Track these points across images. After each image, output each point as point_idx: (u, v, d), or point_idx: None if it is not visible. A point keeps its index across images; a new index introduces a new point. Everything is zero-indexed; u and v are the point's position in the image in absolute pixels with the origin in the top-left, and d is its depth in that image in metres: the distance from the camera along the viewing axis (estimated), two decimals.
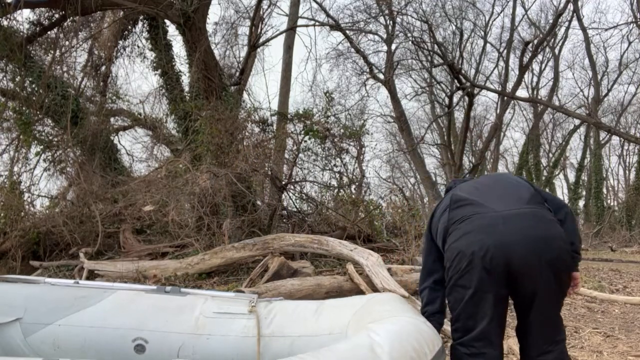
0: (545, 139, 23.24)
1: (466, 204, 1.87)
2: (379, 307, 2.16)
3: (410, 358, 1.63)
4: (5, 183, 6.98)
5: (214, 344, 2.26)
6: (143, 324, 2.24)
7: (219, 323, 2.31)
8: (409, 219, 7.53)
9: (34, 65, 7.56)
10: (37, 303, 2.19)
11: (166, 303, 2.33)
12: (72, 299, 2.24)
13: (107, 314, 2.23)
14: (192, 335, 2.25)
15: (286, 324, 2.33)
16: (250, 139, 6.91)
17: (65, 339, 2.16)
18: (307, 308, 2.41)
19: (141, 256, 5.56)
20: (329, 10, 12.27)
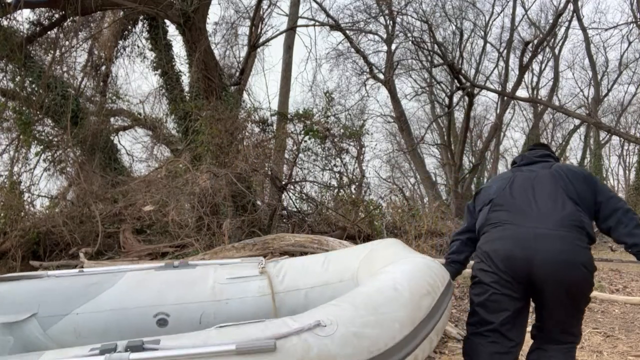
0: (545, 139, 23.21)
1: (504, 209, 2.02)
2: (386, 251, 2.33)
3: (426, 291, 1.80)
4: (5, 183, 6.98)
5: (233, 306, 2.37)
6: (161, 299, 2.29)
7: (234, 287, 2.42)
8: (409, 219, 7.54)
9: (34, 65, 7.56)
10: (49, 296, 2.19)
11: (179, 277, 2.40)
12: (85, 287, 2.26)
13: (124, 295, 2.26)
14: (211, 302, 2.34)
15: (298, 278, 2.49)
16: (250, 139, 6.91)
17: (85, 326, 2.17)
18: (314, 261, 2.58)
19: (141, 256, 5.56)
20: (329, 10, 12.28)
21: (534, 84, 20.78)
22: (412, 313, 1.69)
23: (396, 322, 1.61)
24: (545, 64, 20.16)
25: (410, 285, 1.79)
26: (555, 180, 2.00)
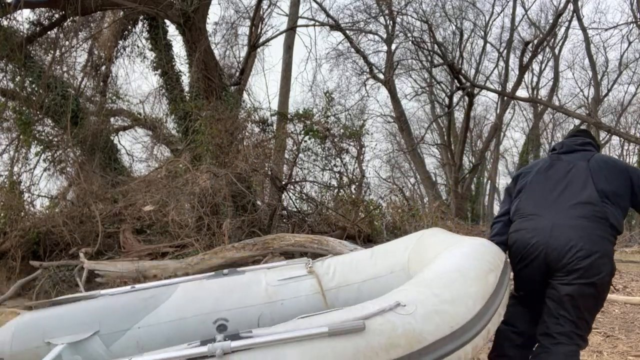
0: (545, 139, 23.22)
1: (531, 200, 2.18)
2: (434, 239, 2.44)
3: (489, 269, 1.90)
4: (5, 183, 6.98)
5: (288, 306, 2.46)
6: (219, 305, 2.37)
7: (287, 288, 2.52)
8: (409, 219, 7.54)
9: (34, 65, 7.56)
10: (109, 314, 2.24)
11: (231, 283, 2.49)
12: (142, 301, 2.32)
13: (182, 306, 2.32)
14: (267, 304, 2.44)
15: (348, 274, 2.59)
16: (250, 139, 6.91)
17: (147, 339, 2.23)
18: (361, 257, 2.67)
19: (141, 256, 5.56)
20: (329, 10, 12.28)
21: (534, 84, 20.79)
22: (481, 289, 1.79)
23: (469, 298, 1.72)
24: (545, 64, 20.17)
25: (473, 264, 1.88)
26: (589, 173, 2.06)
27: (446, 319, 1.61)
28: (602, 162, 2.09)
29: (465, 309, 1.68)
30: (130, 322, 2.25)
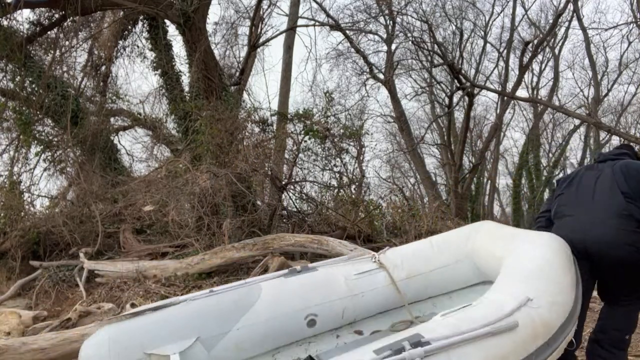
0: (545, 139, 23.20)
1: (566, 205, 2.59)
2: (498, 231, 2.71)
3: (569, 260, 2.21)
4: (5, 183, 6.98)
5: (369, 298, 2.68)
6: (306, 302, 2.54)
7: (363, 281, 2.71)
8: (409, 219, 7.53)
9: (34, 65, 7.55)
10: (205, 319, 2.31)
11: (311, 280, 2.64)
12: (234, 304, 2.41)
13: (273, 305, 2.45)
14: (349, 297, 2.63)
15: (415, 265, 2.83)
16: (250, 139, 6.91)
17: (245, 339, 2.35)
18: (422, 247, 2.92)
19: (141, 256, 5.56)
20: (329, 10, 12.26)
21: (534, 84, 20.76)
22: (571, 277, 2.11)
23: (568, 286, 2.03)
24: (545, 64, 20.15)
25: (558, 256, 2.17)
26: (613, 177, 2.45)
27: (561, 307, 1.94)
28: (624, 166, 2.46)
29: (568, 296, 2.01)
30: (228, 325, 2.33)
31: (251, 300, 2.44)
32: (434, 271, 2.81)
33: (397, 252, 2.92)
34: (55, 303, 4.94)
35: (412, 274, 2.79)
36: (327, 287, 2.61)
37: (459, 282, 2.89)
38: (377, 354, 1.58)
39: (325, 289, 2.60)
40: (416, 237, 6.53)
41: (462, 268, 2.81)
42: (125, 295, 4.38)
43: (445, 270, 2.81)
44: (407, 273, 2.78)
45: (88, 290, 4.90)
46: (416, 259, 2.85)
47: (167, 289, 4.43)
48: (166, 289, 4.41)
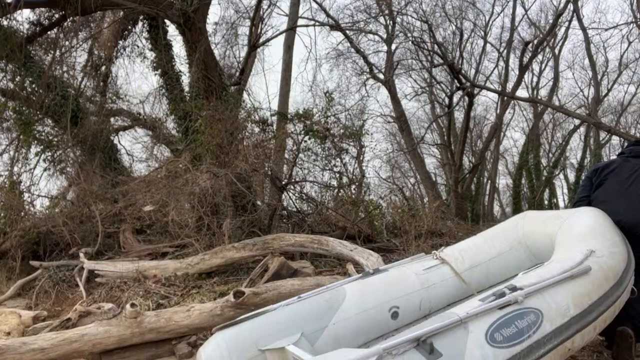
0: (545, 139, 23.18)
1: (604, 192, 3.04)
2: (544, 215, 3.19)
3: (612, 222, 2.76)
4: (5, 183, 6.98)
5: (440, 289, 2.99)
6: (388, 296, 2.83)
7: (432, 275, 3.02)
8: (409, 219, 7.53)
9: (34, 65, 7.55)
10: (305, 317, 2.59)
11: (388, 277, 2.95)
12: (326, 303, 2.70)
13: (360, 301, 2.74)
14: (424, 289, 2.94)
15: (474, 257, 3.16)
16: (250, 139, 6.90)
17: (341, 332, 2.62)
18: (476, 242, 3.27)
19: (141, 256, 5.56)
20: (329, 10, 12.25)
21: (534, 84, 20.75)
22: (619, 235, 2.62)
23: (619, 240, 2.56)
24: (545, 64, 20.13)
25: (604, 220, 2.70)
26: None
27: (620, 255, 2.41)
28: None
29: (622, 248, 2.50)
30: (325, 321, 2.61)
31: (339, 299, 2.74)
32: (492, 260, 3.14)
33: (454, 248, 3.26)
34: (55, 303, 4.94)
35: (473, 264, 3.11)
36: (403, 282, 2.94)
37: (515, 267, 3.18)
38: (482, 301, 1.99)
39: (402, 284, 2.92)
40: (416, 237, 6.53)
41: (516, 253, 3.19)
42: (125, 295, 4.38)
43: (501, 258, 3.16)
44: (469, 265, 3.10)
45: (88, 290, 4.90)
46: (474, 251, 3.19)
47: (167, 289, 4.43)
48: (166, 289, 4.41)
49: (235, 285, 4.34)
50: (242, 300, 3.41)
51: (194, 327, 3.45)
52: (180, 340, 3.44)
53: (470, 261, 3.12)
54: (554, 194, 21.98)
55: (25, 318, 3.97)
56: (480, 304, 1.96)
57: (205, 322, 3.46)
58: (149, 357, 3.36)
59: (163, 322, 3.37)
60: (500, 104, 17.21)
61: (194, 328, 3.46)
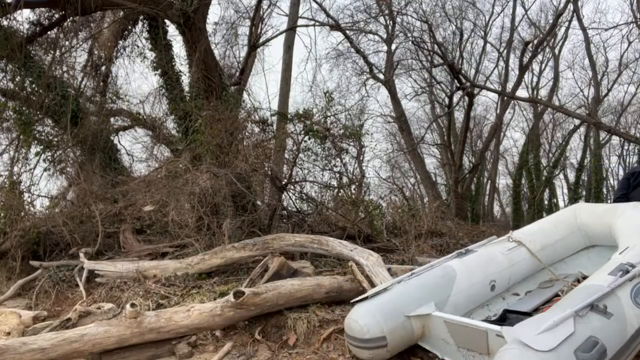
0: (545, 139, 23.18)
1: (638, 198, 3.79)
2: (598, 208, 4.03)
3: None
4: (5, 183, 6.97)
5: (521, 265, 3.76)
6: (488, 272, 3.53)
7: (513, 255, 3.74)
8: (409, 219, 7.53)
9: (34, 65, 7.55)
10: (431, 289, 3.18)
11: (481, 257, 3.62)
12: (444, 277, 3.32)
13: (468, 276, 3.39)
14: (510, 266, 3.69)
15: (543, 239, 3.94)
16: (250, 139, 6.90)
17: (459, 302, 3.25)
18: (541, 226, 4.12)
19: (141, 256, 5.56)
20: (329, 10, 12.25)
21: (534, 84, 20.73)
22: None
23: None
24: (545, 64, 20.12)
25: None
26: None
27: None
28: None
29: None
30: (447, 292, 3.22)
31: (452, 275, 3.34)
32: (558, 242, 3.94)
33: (524, 232, 4.01)
34: (55, 303, 4.94)
35: (544, 246, 3.88)
36: (495, 261, 3.61)
37: (572, 248, 4.05)
38: (613, 275, 2.66)
39: (495, 262, 3.60)
40: (416, 237, 6.52)
41: (574, 237, 3.98)
42: (125, 295, 4.37)
43: (564, 241, 3.97)
44: (540, 246, 3.86)
45: (88, 290, 4.90)
46: (541, 235, 3.94)
47: (167, 289, 4.43)
48: (166, 289, 4.41)
49: (235, 285, 4.33)
50: (242, 300, 3.41)
51: (194, 327, 3.45)
52: (180, 340, 3.44)
53: (541, 243, 3.89)
54: (554, 194, 21.98)
55: (25, 318, 3.97)
56: (614, 278, 2.61)
57: (205, 322, 3.45)
58: (149, 357, 3.36)
59: (163, 322, 3.37)
60: (500, 104, 17.20)
61: (194, 328, 3.45)
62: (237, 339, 3.47)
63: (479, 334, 2.61)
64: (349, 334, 2.95)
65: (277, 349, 3.32)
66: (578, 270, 4.01)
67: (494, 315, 3.38)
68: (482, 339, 2.60)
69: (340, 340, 3.32)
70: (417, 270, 3.38)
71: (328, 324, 3.56)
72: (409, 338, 2.95)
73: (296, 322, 3.52)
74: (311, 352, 3.21)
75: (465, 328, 2.71)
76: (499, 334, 2.44)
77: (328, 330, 3.43)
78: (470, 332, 2.67)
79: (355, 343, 2.90)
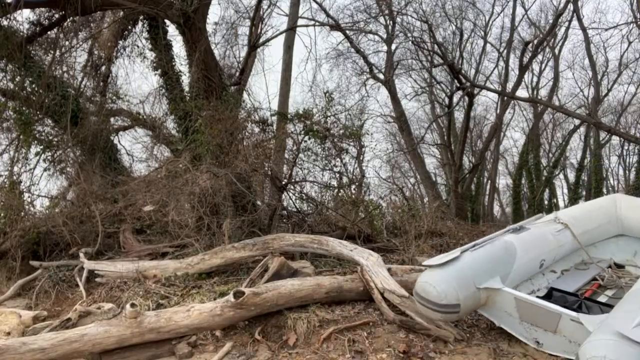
0: (545, 139, 23.17)
1: None
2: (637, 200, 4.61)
3: None
4: (5, 183, 6.97)
5: (565, 247, 4.15)
6: (540, 250, 3.88)
7: (561, 237, 4.12)
8: (409, 219, 7.53)
9: (34, 65, 7.54)
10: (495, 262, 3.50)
11: (533, 235, 3.95)
12: (506, 251, 3.64)
13: (525, 252, 3.71)
14: (558, 247, 4.07)
15: (584, 225, 4.35)
16: (250, 139, 6.90)
17: (517, 276, 3.64)
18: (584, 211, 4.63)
19: (141, 256, 5.56)
20: (329, 10, 12.25)
21: (534, 84, 20.73)
22: None
23: None
24: (545, 64, 20.11)
25: None
26: None
27: None
28: None
29: None
30: (509, 266, 3.55)
31: (513, 250, 3.66)
32: (596, 228, 4.36)
33: (567, 214, 4.38)
34: (55, 303, 4.94)
35: (584, 229, 4.29)
36: (546, 240, 3.97)
37: (607, 235, 4.47)
38: None
39: (545, 241, 3.97)
40: (416, 237, 6.52)
41: (610, 226, 4.41)
42: (125, 295, 4.38)
43: (600, 227, 4.38)
44: (582, 230, 4.25)
45: (88, 290, 4.90)
46: (583, 220, 4.35)
47: (167, 289, 4.43)
48: (166, 289, 4.41)
49: (235, 285, 4.33)
50: (242, 300, 3.41)
51: (194, 327, 3.45)
52: (180, 340, 3.44)
53: (583, 227, 4.30)
54: (554, 194, 21.97)
55: (25, 318, 3.97)
56: None
57: (205, 322, 3.46)
58: (149, 357, 3.36)
59: (163, 322, 3.37)
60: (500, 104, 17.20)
61: (194, 328, 3.45)
62: (237, 339, 3.47)
63: (552, 315, 2.91)
64: (423, 296, 3.25)
65: (277, 349, 3.32)
66: (609, 256, 4.41)
67: (538, 290, 3.77)
68: (553, 319, 2.90)
69: (340, 340, 3.32)
70: (479, 241, 3.71)
71: (328, 324, 3.56)
72: (475, 306, 3.33)
73: (296, 322, 3.52)
74: (311, 352, 3.21)
75: (537, 308, 3.02)
76: (574, 319, 2.73)
77: (328, 330, 3.43)
78: (542, 312, 2.99)
79: (430, 306, 3.22)
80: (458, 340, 3.31)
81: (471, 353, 3.13)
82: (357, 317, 3.68)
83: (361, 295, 4.02)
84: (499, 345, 3.26)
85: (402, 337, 3.33)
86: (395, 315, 3.55)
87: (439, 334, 3.29)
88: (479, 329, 3.62)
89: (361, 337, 3.36)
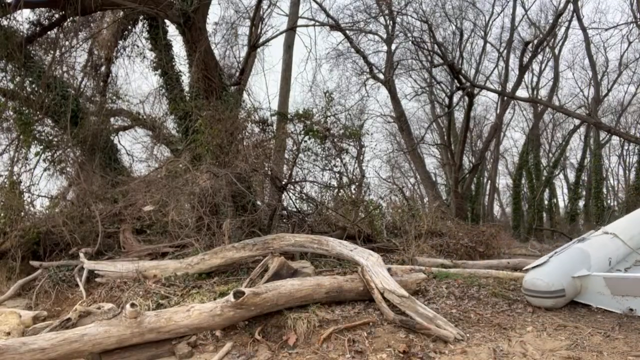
0: (545, 139, 23.21)
1: None
2: None
3: None
4: (5, 183, 6.97)
5: (620, 250, 4.92)
6: (605, 251, 4.67)
7: (615, 242, 4.95)
8: (409, 219, 7.53)
9: (34, 65, 7.55)
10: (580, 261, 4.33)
11: (599, 244, 4.75)
12: (581, 254, 4.46)
13: (597, 256, 4.48)
14: (616, 250, 4.85)
15: (629, 232, 5.14)
16: (250, 139, 6.90)
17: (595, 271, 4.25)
18: (628, 224, 5.48)
19: (141, 256, 5.56)
20: (329, 10, 12.27)
21: (534, 84, 20.75)
22: None
23: None
24: (545, 64, 20.14)
25: None
26: None
27: None
28: None
29: None
30: (587, 263, 4.27)
31: (587, 253, 4.45)
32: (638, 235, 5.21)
33: (616, 227, 5.25)
34: (55, 303, 4.94)
35: (631, 236, 5.10)
36: (608, 247, 4.79)
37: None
38: None
39: (608, 248, 4.76)
40: (416, 237, 6.52)
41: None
42: (125, 295, 4.37)
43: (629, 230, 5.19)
44: (629, 237, 5.06)
45: (88, 290, 4.90)
46: (629, 228, 5.25)
47: (167, 289, 4.43)
48: (166, 289, 4.41)
49: (235, 285, 4.33)
50: (242, 300, 3.41)
51: (194, 327, 3.44)
52: (180, 340, 3.43)
53: (628, 235, 5.08)
54: (554, 194, 21.99)
55: (25, 318, 3.97)
56: None
57: (205, 322, 3.45)
58: (149, 357, 3.36)
59: (163, 322, 3.37)
60: (500, 104, 17.21)
61: (194, 328, 3.45)
62: (237, 339, 3.47)
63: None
64: (532, 290, 4.09)
65: (277, 349, 3.31)
66: None
67: None
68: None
69: (340, 340, 3.32)
70: (558, 250, 4.62)
71: (328, 324, 3.56)
72: (575, 293, 4.13)
73: (296, 322, 3.52)
74: (311, 352, 3.21)
75: (627, 280, 3.88)
76: None
77: (328, 330, 3.43)
78: (630, 281, 3.84)
79: (540, 295, 4.04)
80: (458, 340, 3.30)
81: (471, 353, 3.12)
82: (357, 317, 3.68)
83: (361, 295, 4.02)
84: (499, 345, 3.25)
85: (402, 337, 3.33)
86: (396, 315, 3.55)
87: (439, 334, 3.29)
88: (479, 328, 3.62)
89: (361, 337, 3.36)
